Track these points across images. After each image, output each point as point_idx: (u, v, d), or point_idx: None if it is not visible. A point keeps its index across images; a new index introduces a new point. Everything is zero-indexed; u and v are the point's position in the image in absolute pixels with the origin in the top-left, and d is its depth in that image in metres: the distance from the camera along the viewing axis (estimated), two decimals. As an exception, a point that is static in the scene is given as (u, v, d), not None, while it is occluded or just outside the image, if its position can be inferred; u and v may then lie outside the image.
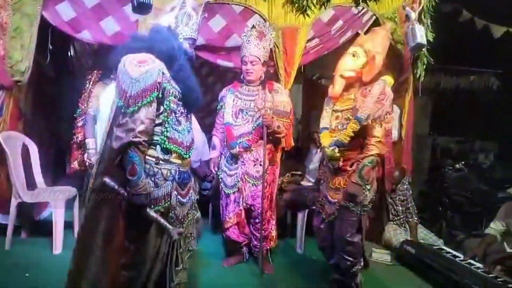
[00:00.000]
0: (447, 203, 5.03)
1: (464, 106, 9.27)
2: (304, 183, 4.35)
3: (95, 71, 4.16)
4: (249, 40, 3.24)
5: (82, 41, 3.99)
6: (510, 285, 3.07)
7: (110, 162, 1.97)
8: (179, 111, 2.11)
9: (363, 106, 2.62)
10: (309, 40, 3.94)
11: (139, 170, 1.92)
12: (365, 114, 2.60)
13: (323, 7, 3.84)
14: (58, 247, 3.44)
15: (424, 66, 4.07)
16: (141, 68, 1.94)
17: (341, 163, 2.73)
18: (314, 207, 3.07)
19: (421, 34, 3.69)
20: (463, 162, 5.43)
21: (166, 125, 2.06)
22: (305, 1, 3.71)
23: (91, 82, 4.01)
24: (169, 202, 2.09)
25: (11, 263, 3.18)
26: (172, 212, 2.13)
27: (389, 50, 4.10)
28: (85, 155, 3.87)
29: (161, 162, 2.06)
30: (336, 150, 2.68)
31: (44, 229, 3.66)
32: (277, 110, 3.27)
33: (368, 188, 2.67)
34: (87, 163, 3.83)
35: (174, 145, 2.09)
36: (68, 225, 3.63)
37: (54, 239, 3.42)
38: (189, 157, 2.21)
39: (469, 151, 6.51)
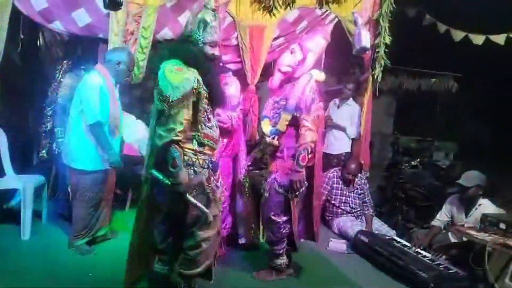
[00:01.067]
0: (403, 197, 5.32)
1: (425, 107, 9.64)
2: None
3: (65, 61, 4.22)
4: None
5: (52, 31, 4.03)
6: (450, 271, 3.38)
7: (157, 157, 2.35)
8: (208, 109, 2.43)
9: (291, 97, 2.94)
10: (275, 39, 4.12)
11: (179, 163, 2.24)
12: (292, 105, 2.92)
13: (288, 7, 4.03)
14: (26, 233, 3.51)
15: (382, 68, 4.31)
16: (179, 76, 2.25)
17: (279, 152, 3.04)
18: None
19: (366, 38, 4.03)
20: (418, 160, 5.74)
21: (201, 123, 2.37)
22: (271, 1, 3.90)
23: (61, 72, 4.08)
24: (211, 186, 2.43)
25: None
26: (213, 194, 2.46)
27: (351, 51, 4.39)
28: (54, 144, 3.94)
29: (197, 153, 2.38)
30: (276, 138, 2.98)
31: (12, 217, 3.71)
32: None
33: None
34: (56, 152, 3.90)
35: (207, 139, 2.42)
36: (36, 213, 3.71)
37: (22, 225, 3.49)
38: (217, 148, 2.58)
39: (427, 150, 6.84)
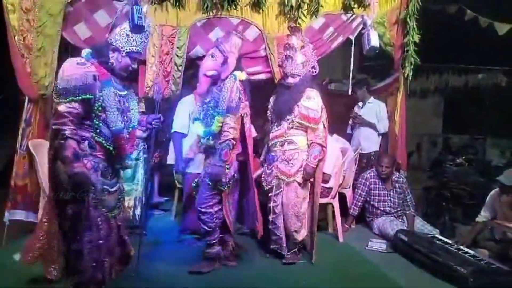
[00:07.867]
0: (448, 196, 5.18)
1: (475, 104, 9.29)
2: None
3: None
4: None
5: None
6: (491, 265, 3.30)
7: None
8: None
9: (221, 101, 3.06)
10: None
11: None
12: (223, 107, 3.04)
13: (313, 16, 4.15)
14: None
15: (412, 66, 4.29)
16: None
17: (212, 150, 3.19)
18: None
19: (375, 39, 4.15)
20: (463, 157, 5.56)
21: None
22: (296, 12, 4.04)
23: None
24: None
25: None
26: None
27: (380, 52, 4.43)
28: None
29: None
30: (211, 139, 3.13)
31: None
32: None
33: (228, 167, 3.15)
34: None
35: None
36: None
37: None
38: None
39: (471, 148, 6.61)
